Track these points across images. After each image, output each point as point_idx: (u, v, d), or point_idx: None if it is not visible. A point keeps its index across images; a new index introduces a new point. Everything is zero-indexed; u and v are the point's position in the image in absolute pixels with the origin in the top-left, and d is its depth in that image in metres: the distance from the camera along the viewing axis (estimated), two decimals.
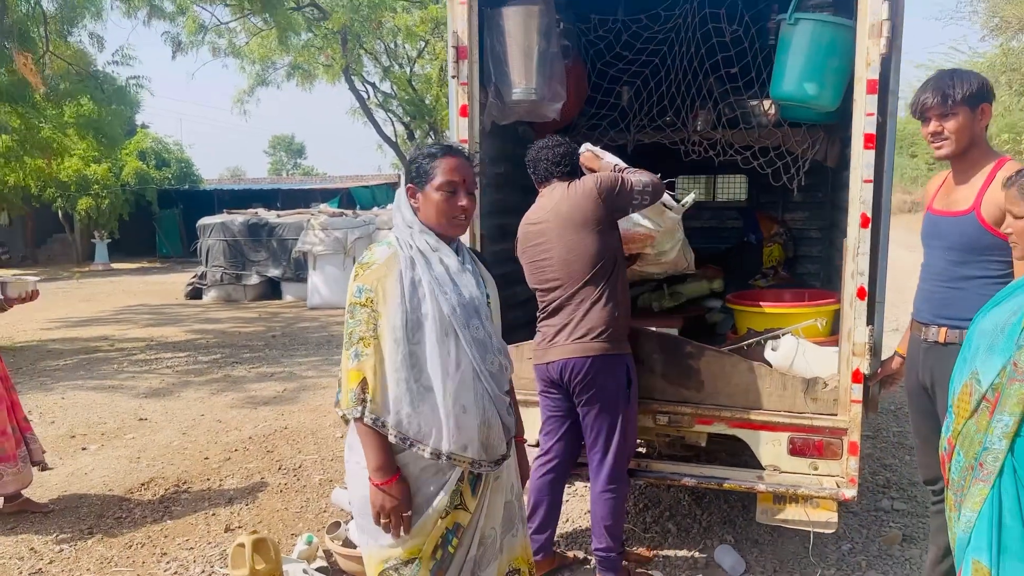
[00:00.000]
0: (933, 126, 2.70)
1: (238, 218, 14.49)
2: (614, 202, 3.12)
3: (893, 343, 3.18)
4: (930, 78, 2.79)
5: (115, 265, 22.64)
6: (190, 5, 16.27)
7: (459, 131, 3.48)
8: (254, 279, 13.95)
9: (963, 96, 2.65)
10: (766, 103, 4.26)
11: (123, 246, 24.68)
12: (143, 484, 4.66)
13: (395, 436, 2.12)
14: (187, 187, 26.72)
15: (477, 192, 2.31)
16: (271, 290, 14.18)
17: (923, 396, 2.88)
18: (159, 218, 25.85)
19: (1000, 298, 2.10)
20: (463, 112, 3.45)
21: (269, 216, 14.79)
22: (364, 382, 2.12)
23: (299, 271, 13.52)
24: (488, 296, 2.33)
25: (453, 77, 3.46)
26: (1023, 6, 11.29)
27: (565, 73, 3.76)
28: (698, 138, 4.36)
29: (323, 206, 16.43)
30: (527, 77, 3.57)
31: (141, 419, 6.13)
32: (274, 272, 13.95)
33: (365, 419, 2.11)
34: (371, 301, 2.14)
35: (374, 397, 2.11)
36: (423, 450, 2.14)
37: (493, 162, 3.90)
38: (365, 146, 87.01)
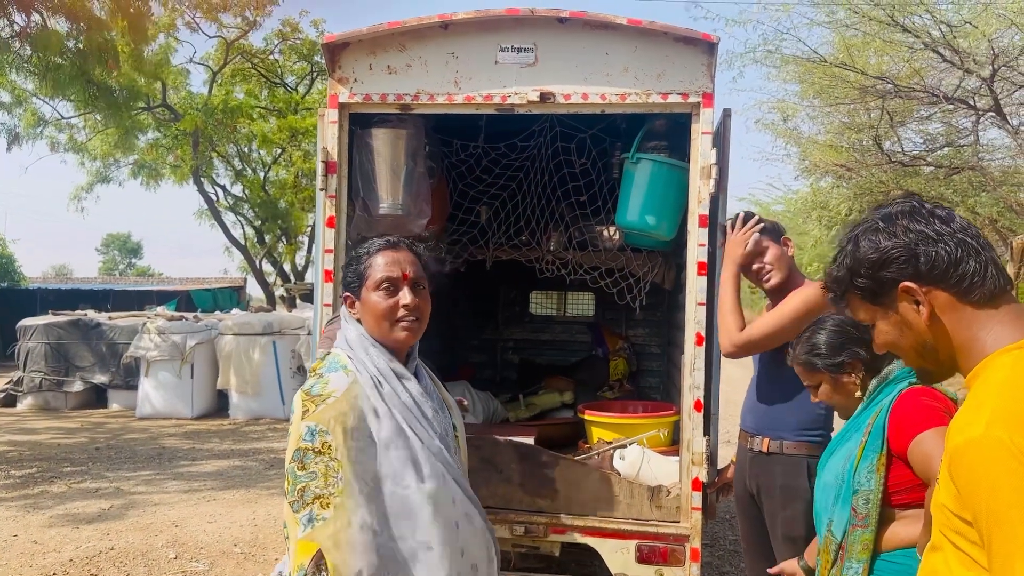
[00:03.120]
0: (755, 264, 3.08)
1: (64, 319, 13.47)
2: None
3: (727, 453, 3.46)
4: (732, 217, 3.21)
5: None
6: (29, 97, 15.57)
7: (325, 241, 3.55)
8: (77, 385, 12.87)
9: (767, 232, 3.07)
10: (611, 229, 4.64)
11: None
12: None
13: None
14: (6, 285, 24.61)
15: (427, 289, 1.98)
16: (96, 398, 13.11)
17: (750, 503, 3.13)
18: None
19: (833, 446, 2.28)
20: (330, 223, 3.54)
21: (100, 318, 13.85)
22: (319, 556, 1.66)
23: (129, 377, 12.62)
24: (455, 427, 1.99)
25: (322, 190, 3.56)
26: (829, 152, 12.94)
27: (430, 191, 3.95)
28: (551, 257, 4.66)
29: (160, 309, 15.62)
30: (394, 193, 3.72)
31: None
32: (101, 378, 12.94)
33: None
34: (328, 447, 1.71)
35: (336, 574, 1.66)
36: None
37: None
38: (210, 248, 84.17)
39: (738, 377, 3.24)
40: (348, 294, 1.95)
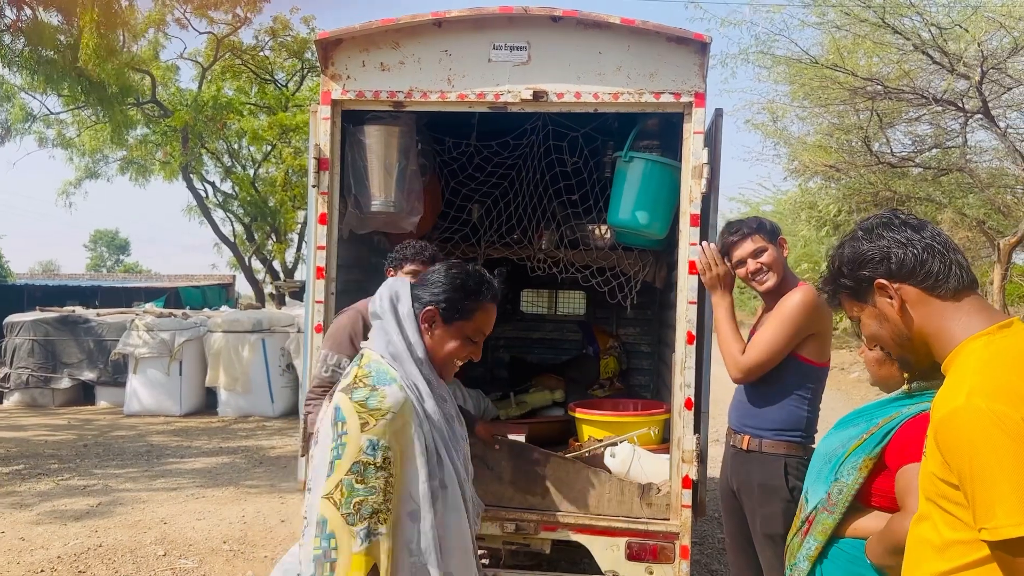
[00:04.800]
0: (752, 265, 3.07)
1: (51, 316, 13.39)
2: None
3: (716, 452, 3.47)
4: (725, 226, 3.20)
5: None
6: (17, 92, 15.46)
7: (317, 238, 3.55)
8: (65, 382, 12.80)
9: (763, 232, 3.06)
10: (603, 228, 4.65)
11: None
12: None
13: None
14: None
15: None
16: (83, 395, 13.04)
17: (732, 498, 3.16)
18: None
19: (844, 421, 2.28)
20: (322, 220, 3.54)
21: (88, 314, 13.77)
22: (375, 572, 1.68)
23: (117, 375, 12.56)
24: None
25: (314, 187, 3.56)
26: (818, 153, 12.99)
27: (422, 189, 3.95)
28: (543, 256, 4.67)
29: (148, 306, 15.55)
30: (386, 191, 3.73)
31: None
32: (89, 375, 12.87)
33: None
34: (388, 463, 1.71)
35: None
36: None
37: (348, 269, 3.98)
38: (199, 245, 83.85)
39: (727, 377, 3.27)
40: (433, 309, 1.90)
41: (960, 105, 10.58)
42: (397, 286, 1.95)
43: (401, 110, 3.55)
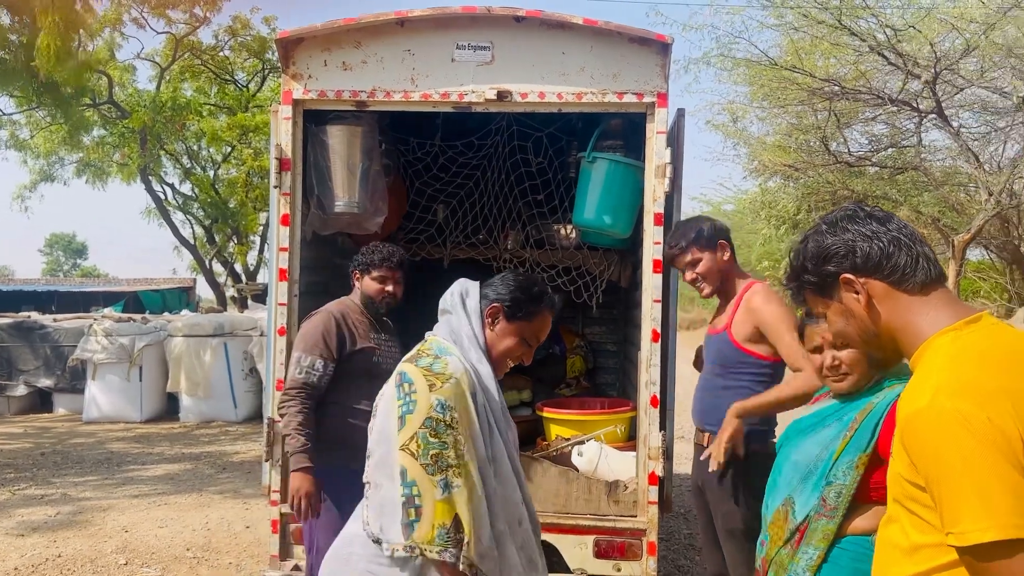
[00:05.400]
0: (689, 275, 3.14)
1: (6, 322, 13.04)
2: None
3: (681, 449, 3.51)
4: (671, 233, 3.24)
5: None
6: None
7: (280, 240, 3.51)
8: (21, 389, 12.46)
9: (699, 243, 3.09)
10: (568, 228, 4.67)
11: None
12: None
13: None
14: None
15: None
16: (40, 402, 12.71)
17: (700, 495, 3.19)
18: None
19: (806, 425, 2.26)
20: (284, 221, 3.50)
21: (44, 320, 13.45)
22: (457, 520, 1.82)
23: (75, 381, 12.27)
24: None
25: (276, 187, 3.52)
26: (777, 153, 13.20)
27: (386, 189, 3.93)
28: (509, 256, 4.67)
29: (107, 310, 15.23)
30: (350, 191, 3.70)
31: None
32: (45, 382, 12.55)
33: (460, 565, 1.80)
34: (456, 423, 1.86)
35: (471, 540, 1.81)
36: None
37: (311, 271, 3.94)
38: (158, 248, 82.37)
39: (692, 374, 3.30)
40: (498, 306, 2.05)
41: (914, 105, 10.82)
42: (467, 284, 2.11)
43: (364, 110, 3.53)
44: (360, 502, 2.04)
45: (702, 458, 2.96)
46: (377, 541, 1.88)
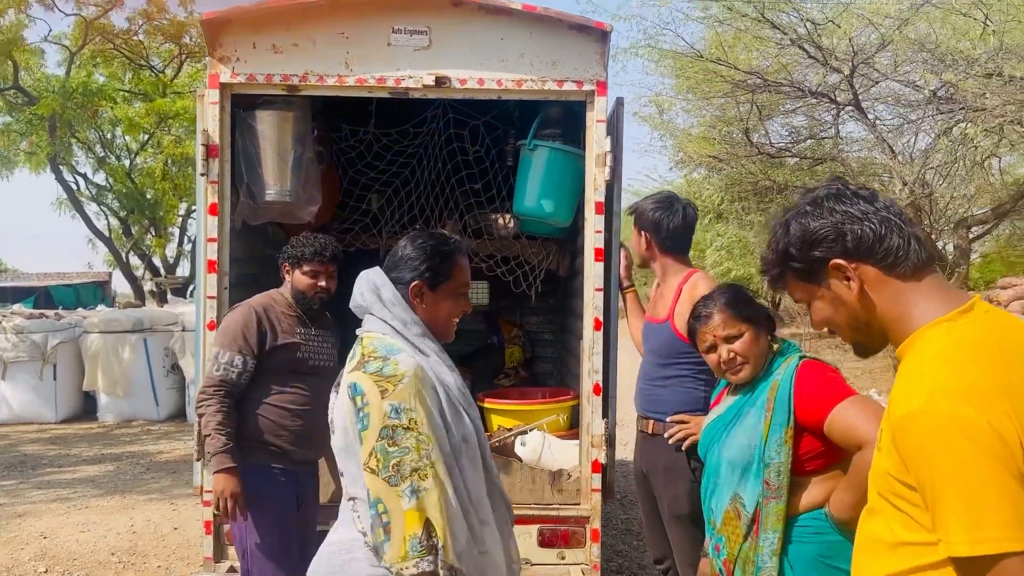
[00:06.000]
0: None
1: None
2: None
3: (623, 435, 3.53)
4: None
5: None
6: None
7: (208, 230, 3.36)
8: None
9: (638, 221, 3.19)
10: (506, 217, 4.63)
11: None
12: None
13: None
14: None
15: None
16: None
17: (644, 481, 3.22)
18: None
19: (724, 423, 2.30)
20: (212, 210, 3.35)
21: None
22: (429, 525, 1.75)
23: None
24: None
25: (202, 175, 3.37)
26: (702, 144, 13.45)
27: (319, 177, 3.81)
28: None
29: (16, 307, 14.47)
30: (281, 179, 3.57)
31: None
32: None
33: (440, 570, 1.73)
34: (415, 423, 1.79)
35: (446, 542, 1.75)
36: None
37: (241, 262, 3.80)
38: (71, 241, 78.76)
39: (634, 362, 3.32)
40: (420, 282, 1.97)
41: (833, 98, 11.16)
42: (372, 277, 2.02)
43: (295, 94, 3.41)
44: (347, 509, 1.96)
45: (667, 436, 2.97)
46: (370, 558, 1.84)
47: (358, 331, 2.06)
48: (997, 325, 1.32)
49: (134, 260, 21.57)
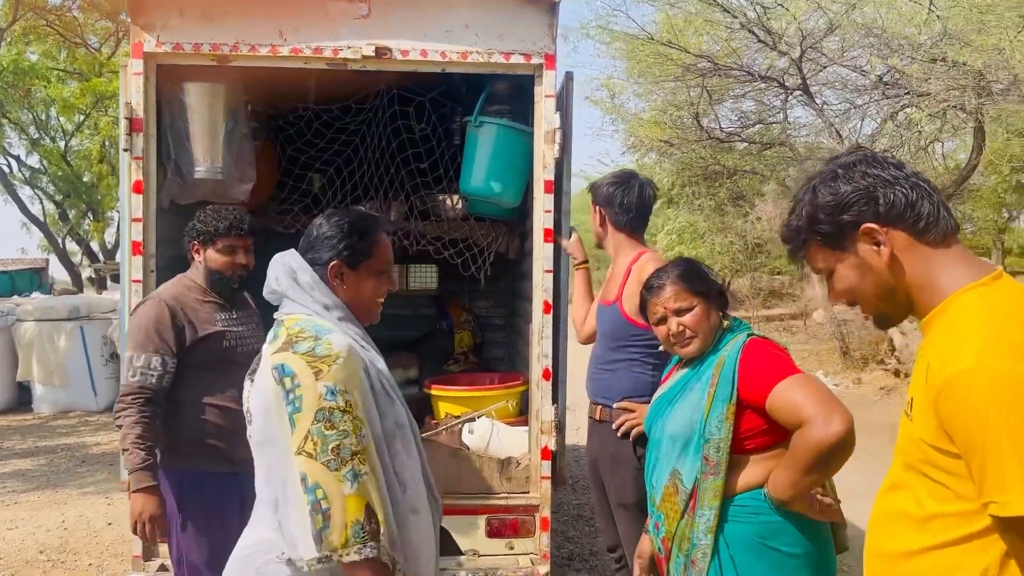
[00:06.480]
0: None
1: None
2: None
3: (573, 420, 3.43)
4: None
5: None
6: None
7: (132, 210, 3.15)
8: None
9: (594, 196, 3.11)
10: (454, 198, 4.48)
11: None
12: None
13: None
14: None
15: None
16: None
17: (595, 467, 3.13)
18: None
19: (670, 398, 2.25)
20: (137, 188, 3.14)
21: None
22: (370, 510, 1.66)
23: None
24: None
25: (126, 151, 3.15)
26: (653, 129, 13.44)
27: (254, 154, 3.62)
28: (392, 228, 4.43)
29: None
30: (212, 156, 3.37)
31: None
32: None
33: (383, 557, 1.65)
34: (351, 405, 1.69)
35: (384, 529, 1.67)
36: None
37: (169, 244, 3.59)
38: (4, 226, 75.83)
39: (577, 347, 3.23)
40: (338, 262, 1.86)
41: (782, 82, 11.23)
42: (288, 260, 1.90)
43: (226, 65, 3.20)
44: (263, 506, 1.82)
45: (615, 427, 2.89)
46: (290, 562, 1.70)
47: (276, 315, 1.92)
48: None
49: (71, 246, 20.88)
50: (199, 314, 2.84)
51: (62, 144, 18.63)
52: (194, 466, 2.78)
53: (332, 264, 1.87)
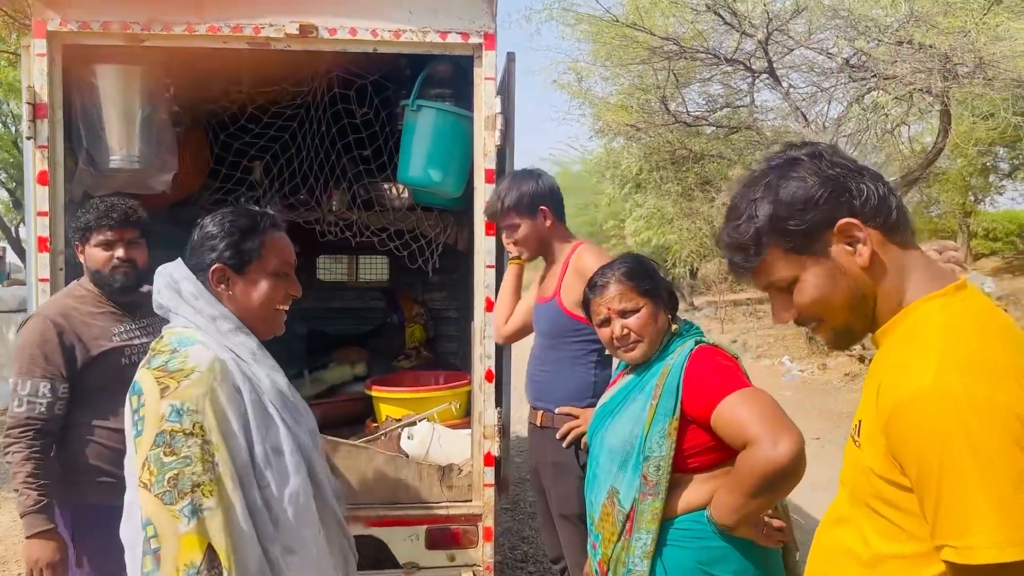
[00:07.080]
0: (507, 239, 2.91)
1: None
2: None
3: (519, 414, 3.25)
4: (498, 186, 2.95)
5: None
6: None
7: (37, 203, 2.89)
8: None
9: (519, 209, 2.82)
10: (399, 186, 4.26)
11: None
12: None
13: None
14: None
15: None
16: None
17: (536, 475, 2.96)
18: None
19: (612, 407, 2.09)
20: (42, 179, 2.88)
21: None
22: (211, 552, 1.44)
23: None
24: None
25: (29, 138, 2.90)
26: (620, 113, 13.27)
27: (176, 141, 3.37)
28: (334, 218, 4.21)
29: None
30: (128, 143, 3.11)
31: None
32: None
33: None
34: (200, 428, 1.49)
35: (231, 570, 1.45)
36: None
37: None
38: None
39: (524, 345, 3.04)
40: (221, 266, 1.68)
41: (748, 65, 11.10)
42: (169, 270, 1.73)
43: (140, 45, 2.95)
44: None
45: (558, 436, 2.71)
46: None
47: (164, 328, 1.72)
48: (991, 305, 1.19)
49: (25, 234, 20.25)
50: (91, 330, 2.57)
51: (13, 130, 18.00)
52: (90, 498, 2.53)
53: (213, 268, 1.68)
